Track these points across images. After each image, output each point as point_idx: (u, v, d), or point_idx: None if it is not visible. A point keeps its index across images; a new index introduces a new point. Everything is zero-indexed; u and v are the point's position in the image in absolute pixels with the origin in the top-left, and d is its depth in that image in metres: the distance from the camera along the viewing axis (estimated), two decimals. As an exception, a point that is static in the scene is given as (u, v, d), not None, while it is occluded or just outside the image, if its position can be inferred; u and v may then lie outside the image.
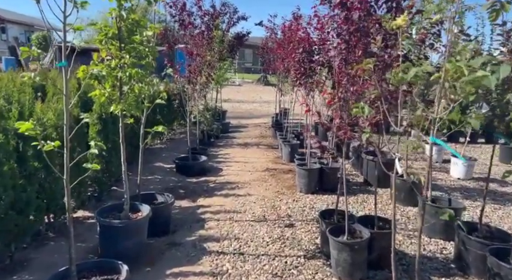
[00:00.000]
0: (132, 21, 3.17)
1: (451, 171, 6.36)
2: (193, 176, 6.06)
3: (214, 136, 8.86)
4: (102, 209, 3.63)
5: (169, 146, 8.39)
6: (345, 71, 2.69)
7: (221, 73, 9.51)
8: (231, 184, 5.68)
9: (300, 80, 5.20)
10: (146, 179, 5.86)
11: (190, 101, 6.59)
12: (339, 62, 2.76)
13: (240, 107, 16.06)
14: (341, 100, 2.70)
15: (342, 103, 2.72)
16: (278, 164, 6.92)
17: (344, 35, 2.59)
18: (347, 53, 2.68)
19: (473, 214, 4.58)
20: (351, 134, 2.66)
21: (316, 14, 5.08)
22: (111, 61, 3.18)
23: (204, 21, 6.52)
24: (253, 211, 4.60)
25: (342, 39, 2.62)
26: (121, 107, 3.26)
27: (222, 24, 10.51)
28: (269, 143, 8.87)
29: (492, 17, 2.48)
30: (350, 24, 2.54)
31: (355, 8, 2.52)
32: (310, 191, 5.20)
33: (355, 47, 2.66)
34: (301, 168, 5.24)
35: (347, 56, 2.69)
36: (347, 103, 2.72)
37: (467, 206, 4.77)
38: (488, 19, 2.53)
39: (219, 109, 10.50)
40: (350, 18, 2.53)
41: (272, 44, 9.42)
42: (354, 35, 2.59)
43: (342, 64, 2.75)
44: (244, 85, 27.94)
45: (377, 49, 2.92)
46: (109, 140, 4.99)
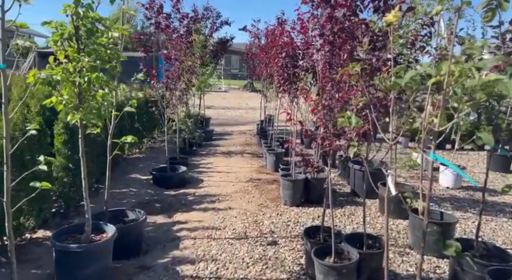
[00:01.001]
0: (92, 20, 2.83)
1: (439, 180, 6.15)
2: (172, 188, 5.68)
3: (197, 144, 8.50)
4: (61, 230, 3.23)
5: (148, 156, 7.98)
6: (330, 76, 2.42)
7: (203, 78, 9.19)
8: (211, 196, 5.32)
9: (284, 86, 4.92)
10: (120, 192, 5.46)
11: (169, 108, 6.24)
12: (322, 66, 2.48)
13: (225, 113, 15.73)
14: (326, 107, 2.42)
15: (326, 110, 2.43)
16: (262, 174, 6.60)
17: (327, 35, 2.32)
18: (331, 56, 2.40)
19: (464, 227, 4.34)
20: (337, 146, 2.38)
21: (300, 17, 4.83)
22: (68, 65, 2.83)
23: (183, 24, 6.20)
24: (233, 227, 4.25)
25: (326, 40, 2.34)
26: (79, 117, 2.90)
27: (204, 29, 10.24)
28: (254, 152, 8.55)
29: (488, 17, 2.23)
30: (334, 23, 2.27)
31: (339, 5, 2.25)
32: (295, 204, 4.89)
33: (340, 50, 2.38)
34: (286, 179, 4.93)
35: (331, 60, 2.41)
36: (331, 110, 2.44)
37: (458, 218, 4.53)
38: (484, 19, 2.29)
39: (202, 116, 10.15)
40: (334, 16, 2.26)
41: (256, 49, 9.17)
42: (338, 36, 2.32)
43: (326, 68, 2.47)
44: (231, 91, 27.66)
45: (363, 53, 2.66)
46: (77, 152, 4.57)
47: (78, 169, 4.64)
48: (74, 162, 4.48)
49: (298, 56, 5.01)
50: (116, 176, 6.16)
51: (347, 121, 1.68)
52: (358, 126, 1.70)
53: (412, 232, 3.69)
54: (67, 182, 4.49)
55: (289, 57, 4.88)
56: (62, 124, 4.44)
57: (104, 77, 2.89)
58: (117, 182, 5.82)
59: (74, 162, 4.48)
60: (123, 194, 5.39)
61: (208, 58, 9.54)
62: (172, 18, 5.73)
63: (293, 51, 4.88)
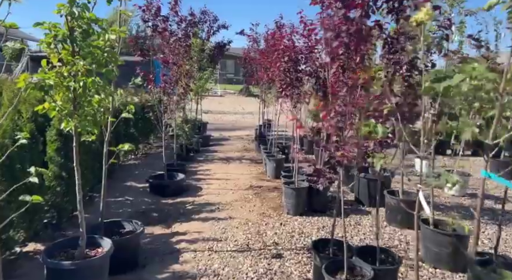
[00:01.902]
0: (87, 21, 2.65)
1: (445, 188, 6.02)
2: (169, 196, 5.48)
3: (194, 150, 8.30)
4: (53, 245, 3.03)
5: (144, 162, 7.77)
6: (344, 81, 2.26)
7: (201, 83, 9.02)
8: (211, 205, 5.13)
9: (286, 91, 4.76)
10: (115, 201, 5.24)
11: (167, 114, 6.05)
12: (335, 70, 2.33)
13: (221, 118, 15.56)
14: (339, 114, 2.26)
15: (339, 118, 2.28)
16: (263, 181, 6.43)
17: (343, 37, 2.17)
18: (346, 59, 2.25)
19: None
20: (353, 156, 2.22)
21: (303, 20, 4.70)
22: (62, 68, 2.64)
23: (181, 27, 6.04)
24: (235, 238, 4.06)
25: (341, 42, 2.19)
26: (74, 124, 2.71)
27: (201, 32, 10.09)
28: (252, 157, 8.37)
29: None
30: (350, 24, 2.12)
31: (356, 5, 2.11)
32: (298, 213, 4.71)
33: (356, 52, 2.23)
34: (289, 187, 4.76)
35: (345, 63, 2.26)
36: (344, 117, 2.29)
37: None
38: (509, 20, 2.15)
39: (199, 121, 9.97)
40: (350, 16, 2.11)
41: (254, 53, 9.03)
42: (354, 37, 2.17)
43: (339, 72, 2.32)
44: (226, 95, 27.51)
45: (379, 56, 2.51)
46: (70, 159, 4.36)
47: (72, 178, 4.43)
48: (68, 170, 4.27)
49: (301, 60, 4.86)
50: (111, 184, 5.94)
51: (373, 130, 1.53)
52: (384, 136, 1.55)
53: (423, 244, 3.53)
54: (60, 192, 4.27)
55: (291, 62, 4.73)
56: (55, 130, 4.24)
57: (101, 81, 2.71)
58: (112, 191, 5.61)
59: (68, 170, 4.27)
60: (119, 203, 5.18)
61: (206, 62, 9.39)
62: (170, 21, 5.56)
63: (296, 55, 4.74)
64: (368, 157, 2.33)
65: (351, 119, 2.42)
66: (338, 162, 2.34)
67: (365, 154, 2.31)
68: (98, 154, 5.31)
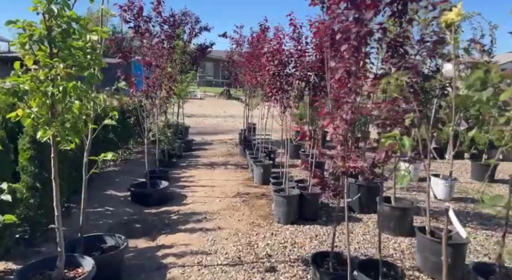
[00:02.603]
0: (68, 20, 2.40)
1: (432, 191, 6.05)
2: (152, 206, 5.20)
3: (176, 155, 8.02)
4: (27, 266, 2.74)
5: (124, 169, 7.42)
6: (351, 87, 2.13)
7: (183, 86, 8.76)
8: (197, 215, 4.90)
9: (276, 96, 4.62)
10: (94, 212, 4.92)
11: (149, 118, 5.77)
12: (340, 75, 2.19)
13: (203, 122, 15.27)
14: (347, 122, 2.13)
15: (347, 126, 2.14)
16: (250, 187, 6.25)
17: (353, 39, 2.04)
18: (354, 63, 2.12)
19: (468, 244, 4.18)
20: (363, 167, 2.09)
21: (293, 23, 4.58)
22: (38, 72, 2.38)
23: (164, 29, 5.79)
24: (225, 250, 3.86)
25: (350, 45, 2.06)
26: (52, 133, 2.45)
27: (183, 34, 9.83)
28: (237, 163, 8.18)
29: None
30: (360, 26, 1.99)
31: (367, 6, 1.98)
32: (289, 221, 4.56)
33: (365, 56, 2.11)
34: (279, 195, 4.61)
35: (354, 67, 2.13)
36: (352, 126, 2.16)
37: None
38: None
39: (182, 125, 9.68)
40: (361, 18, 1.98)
41: (238, 56, 8.86)
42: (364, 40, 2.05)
43: (344, 77, 2.19)
44: (207, 98, 27.14)
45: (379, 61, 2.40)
46: (45, 169, 4.04)
47: (47, 189, 4.12)
48: (43, 181, 3.94)
49: (291, 63, 4.74)
50: (90, 193, 5.59)
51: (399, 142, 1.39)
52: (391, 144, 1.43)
53: (421, 253, 3.46)
54: (34, 204, 3.94)
55: (281, 65, 4.59)
56: (28, 138, 3.90)
57: (83, 86, 2.47)
58: (91, 201, 5.27)
59: (43, 181, 3.94)
60: (98, 214, 4.86)
61: (188, 65, 9.13)
62: (153, 22, 5.31)
63: (286, 58, 4.61)
64: (376, 167, 2.21)
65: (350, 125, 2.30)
66: (343, 173, 2.20)
67: (374, 165, 2.19)
68: (75, 161, 4.99)
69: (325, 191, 2.44)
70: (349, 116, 2.10)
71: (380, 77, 2.42)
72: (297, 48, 4.71)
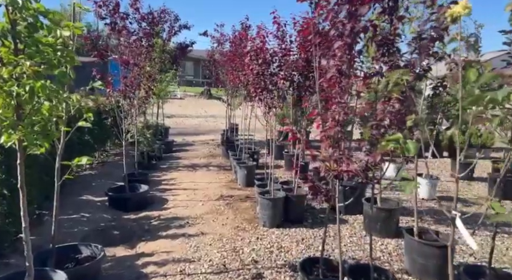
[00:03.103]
0: (34, 13, 2.19)
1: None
2: (131, 211, 4.97)
3: (156, 157, 7.77)
4: (-8, 283, 2.49)
5: (101, 172, 7.11)
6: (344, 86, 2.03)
7: (163, 85, 8.50)
8: (179, 219, 4.71)
9: (260, 95, 4.49)
10: (69, 219, 4.65)
11: (127, 119, 5.52)
12: (332, 74, 2.08)
13: (183, 122, 14.98)
14: (339, 123, 2.02)
15: (339, 127, 2.04)
16: (233, 189, 6.09)
17: (346, 36, 1.93)
18: (348, 61, 2.02)
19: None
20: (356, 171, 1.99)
21: (276, 21, 4.46)
22: (1, 70, 2.15)
23: (142, 26, 5.55)
24: (209, 257, 3.70)
25: (345, 43, 1.95)
26: (17, 137, 2.23)
27: (162, 32, 9.57)
28: (220, 164, 8.01)
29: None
30: (354, 22, 1.89)
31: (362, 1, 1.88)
32: (275, 225, 4.45)
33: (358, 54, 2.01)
34: (265, 198, 4.48)
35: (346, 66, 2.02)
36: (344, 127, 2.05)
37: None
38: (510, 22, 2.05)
39: (161, 126, 9.41)
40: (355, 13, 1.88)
41: (220, 56, 8.68)
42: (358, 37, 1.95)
43: (336, 77, 2.08)
44: (187, 98, 26.75)
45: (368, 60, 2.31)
46: (13, 175, 3.75)
47: (15, 196, 3.84)
48: (10, 188, 3.67)
49: (275, 62, 4.62)
50: (64, 199, 5.31)
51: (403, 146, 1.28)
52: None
53: (409, 256, 3.41)
54: (1, 213, 3.65)
55: (265, 64, 4.47)
56: (-6, 141, 3.60)
57: (53, 86, 2.25)
58: (65, 207, 4.99)
59: (10, 188, 3.67)
60: (73, 221, 4.59)
61: (168, 64, 8.88)
62: (130, 19, 5.08)
63: (270, 57, 4.49)
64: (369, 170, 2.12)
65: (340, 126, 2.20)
66: (336, 177, 2.10)
67: (367, 168, 2.10)
68: (47, 166, 4.70)
69: (317, 196, 2.32)
70: (341, 117, 2.00)
71: (370, 77, 2.33)
72: (281, 47, 4.61)
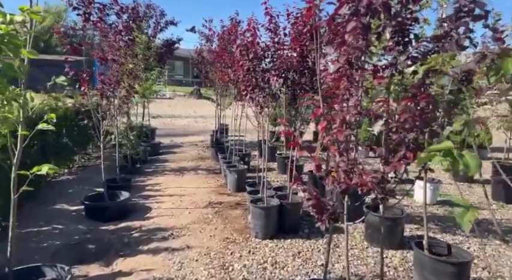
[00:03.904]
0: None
1: (414, 195, 5.76)
2: (111, 221, 4.51)
3: (141, 160, 7.28)
4: None
5: (80, 177, 6.60)
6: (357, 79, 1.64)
7: (148, 84, 8.02)
8: (162, 231, 4.27)
9: (251, 94, 4.08)
10: (38, 231, 4.17)
11: (106, 120, 5.05)
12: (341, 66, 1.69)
13: (172, 123, 14.48)
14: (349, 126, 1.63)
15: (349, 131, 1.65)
16: (223, 195, 5.67)
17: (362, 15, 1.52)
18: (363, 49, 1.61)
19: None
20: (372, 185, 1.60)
21: (268, 12, 4.06)
22: None
23: (122, 18, 5.09)
24: (195, 276, 3.27)
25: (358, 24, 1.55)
26: None
27: (147, 28, 9.09)
28: (209, 167, 7.57)
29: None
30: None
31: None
32: (268, 236, 4.04)
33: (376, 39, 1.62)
34: (257, 206, 4.07)
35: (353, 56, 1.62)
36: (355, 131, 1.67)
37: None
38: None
39: (147, 127, 8.92)
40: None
41: (208, 53, 8.24)
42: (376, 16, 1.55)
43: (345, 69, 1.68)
44: (176, 98, 26.22)
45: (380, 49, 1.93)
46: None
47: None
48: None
49: (267, 58, 4.23)
50: (36, 207, 4.82)
51: (458, 162, 0.90)
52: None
53: (419, 273, 3.04)
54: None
55: (257, 60, 4.06)
56: None
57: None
58: (35, 218, 4.51)
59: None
60: (43, 235, 4.11)
61: (153, 61, 8.40)
62: (108, 10, 4.61)
63: (262, 52, 4.09)
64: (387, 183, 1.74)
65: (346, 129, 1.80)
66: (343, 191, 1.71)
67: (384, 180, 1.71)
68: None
69: (322, 215, 1.92)
70: (353, 117, 1.61)
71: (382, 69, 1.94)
72: (273, 41, 4.21)
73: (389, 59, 1.98)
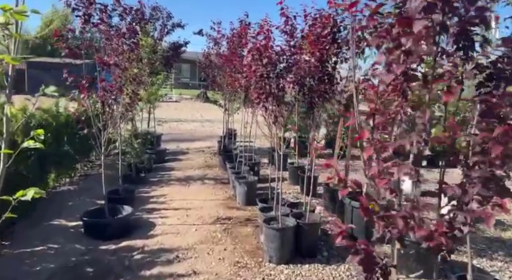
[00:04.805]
0: None
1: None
2: (111, 239, 4.16)
3: (145, 169, 6.94)
4: None
5: (82, 187, 6.28)
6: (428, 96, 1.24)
7: (153, 89, 7.70)
8: (167, 252, 3.90)
9: (265, 103, 3.70)
10: (32, 252, 3.83)
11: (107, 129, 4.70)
12: (395, 78, 1.30)
13: (178, 127, 14.16)
14: (415, 159, 1.22)
15: (412, 167, 1.24)
16: (232, 209, 5.29)
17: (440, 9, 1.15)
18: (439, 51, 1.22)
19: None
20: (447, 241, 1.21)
21: (284, 13, 3.68)
22: None
23: (126, 20, 4.76)
24: (203, 310, 2.89)
25: (428, 23, 1.17)
26: None
27: (153, 31, 8.78)
28: (216, 176, 7.19)
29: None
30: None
31: None
32: (283, 260, 3.65)
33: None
34: (271, 227, 3.69)
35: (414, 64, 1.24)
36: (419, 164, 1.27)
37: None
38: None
39: (152, 134, 8.59)
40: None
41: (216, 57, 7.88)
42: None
43: (400, 82, 1.29)
44: (183, 101, 25.97)
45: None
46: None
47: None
48: None
49: (282, 63, 3.85)
50: (32, 224, 4.49)
51: None
52: None
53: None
54: None
55: (271, 65, 3.69)
56: None
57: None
58: (30, 235, 4.18)
59: None
60: (37, 256, 3.77)
61: (159, 65, 8.07)
62: (111, 12, 4.28)
63: (277, 56, 3.71)
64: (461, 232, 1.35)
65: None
66: (400, 239, 1.32)
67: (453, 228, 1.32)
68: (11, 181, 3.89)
69: (372, 273, 1.51)
70: (420, 147, 1.22)
71: (438, 79, 1.55)
72: (289, 44, 3.84)
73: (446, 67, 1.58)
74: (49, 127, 5.66)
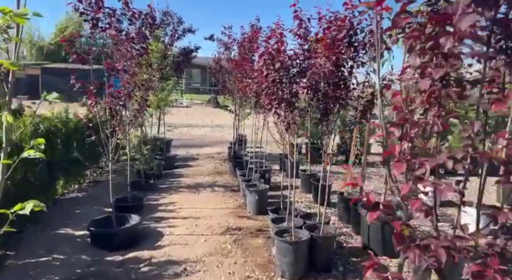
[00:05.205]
0: None
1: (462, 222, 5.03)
2: (118, 249, 4.03)
3: (155, 176, 6.83)
4: None
5: (91, 194, 6.19)
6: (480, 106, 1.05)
7: (163, 95, 7.61)
8: (175, 264, 3.74)
9: (277, 109, 3.53)
10: (36, 263, 3.72)
11: (116, 135, 4.59)
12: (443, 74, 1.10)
13: (188, 132, 14.10)
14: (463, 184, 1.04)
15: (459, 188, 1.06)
16: (242, 218, 5.11)
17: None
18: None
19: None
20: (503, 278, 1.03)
21: (298, 15, 3.52)
22: None
23: (136, 25, 4.67)
24: (211, 330, 2.72)
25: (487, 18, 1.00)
26: None
27: (164, 36, 8.73)
28: (227, 183, 7.04)
29: None
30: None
31: None
32: (297, 276, 3.45)
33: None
34: (283, 241, 3.50)
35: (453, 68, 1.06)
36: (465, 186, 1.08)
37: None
38: None
39: (162, 140, 8.49)
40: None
41: (227, 62, 7.77)
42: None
43: (438, 88, 1.11)
44: (193, 106, 26.03)
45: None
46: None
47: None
48: None
49: (295, 67, 3.69)
50: (38, 233, 4.40)
51: None
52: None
53: None
54: None
55: (284, 70, 3.52)
56: None
57: None
58: (36, 245, 4.07)
59: None
60: (42, 267, 3.65)
61: (169, 71, 8.00)
62: (119, 16, 4.18)
63: (290, 61, 3.55)
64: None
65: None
66: (438, 270, 1.13)
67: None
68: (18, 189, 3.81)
69: None
70: (467, 164, 1.04)
71: (474, 85, 1.36)
72: (303, 48, 3.67)
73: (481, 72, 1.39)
74: (58, 133, 5.61)
